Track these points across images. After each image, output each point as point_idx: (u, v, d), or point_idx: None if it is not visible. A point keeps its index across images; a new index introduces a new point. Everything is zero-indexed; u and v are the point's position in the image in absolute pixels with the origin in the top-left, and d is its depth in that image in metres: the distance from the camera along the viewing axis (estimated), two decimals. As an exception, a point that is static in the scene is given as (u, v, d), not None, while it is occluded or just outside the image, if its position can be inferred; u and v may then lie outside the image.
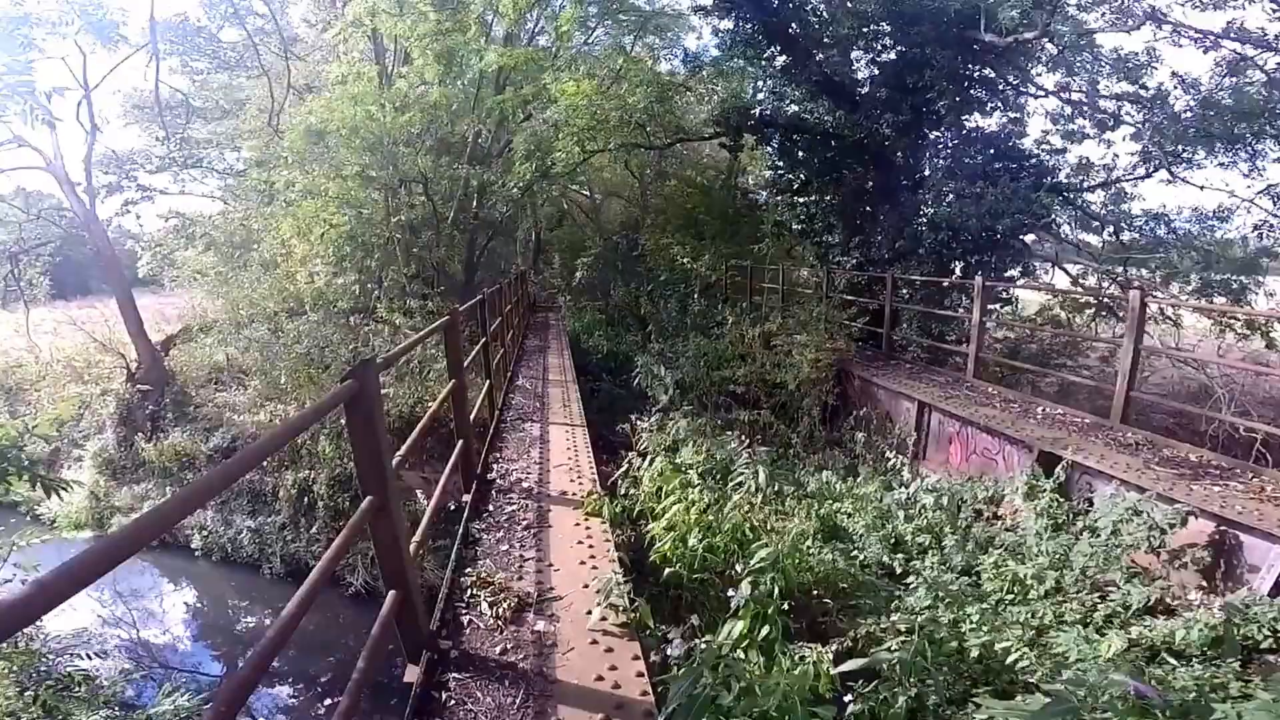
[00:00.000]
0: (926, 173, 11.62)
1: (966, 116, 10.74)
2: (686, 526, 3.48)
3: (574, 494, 3.92)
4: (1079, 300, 12.03)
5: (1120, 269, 11.87)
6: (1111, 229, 13.00)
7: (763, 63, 12.83)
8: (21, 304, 15.75)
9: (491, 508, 3.74)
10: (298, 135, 11.89)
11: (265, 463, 11.52)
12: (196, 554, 11.65)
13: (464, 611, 2.79)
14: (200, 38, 18.62)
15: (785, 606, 3.02)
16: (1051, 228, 10.38)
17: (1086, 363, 11.57)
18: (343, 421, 9.24)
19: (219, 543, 11.60)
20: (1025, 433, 5.65)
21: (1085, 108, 11.32)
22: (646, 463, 4.03)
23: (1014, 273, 10.54)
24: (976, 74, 10.48)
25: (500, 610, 2.74)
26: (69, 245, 17.05)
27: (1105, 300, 11.00)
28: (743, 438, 5.76)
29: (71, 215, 15.15)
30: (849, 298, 10.31)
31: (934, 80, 9.70)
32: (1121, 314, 10.84)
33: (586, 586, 2.94)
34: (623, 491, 3.96)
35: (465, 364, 4.81)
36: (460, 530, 3.41)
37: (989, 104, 10.91)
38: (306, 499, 10.87)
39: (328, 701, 8.05)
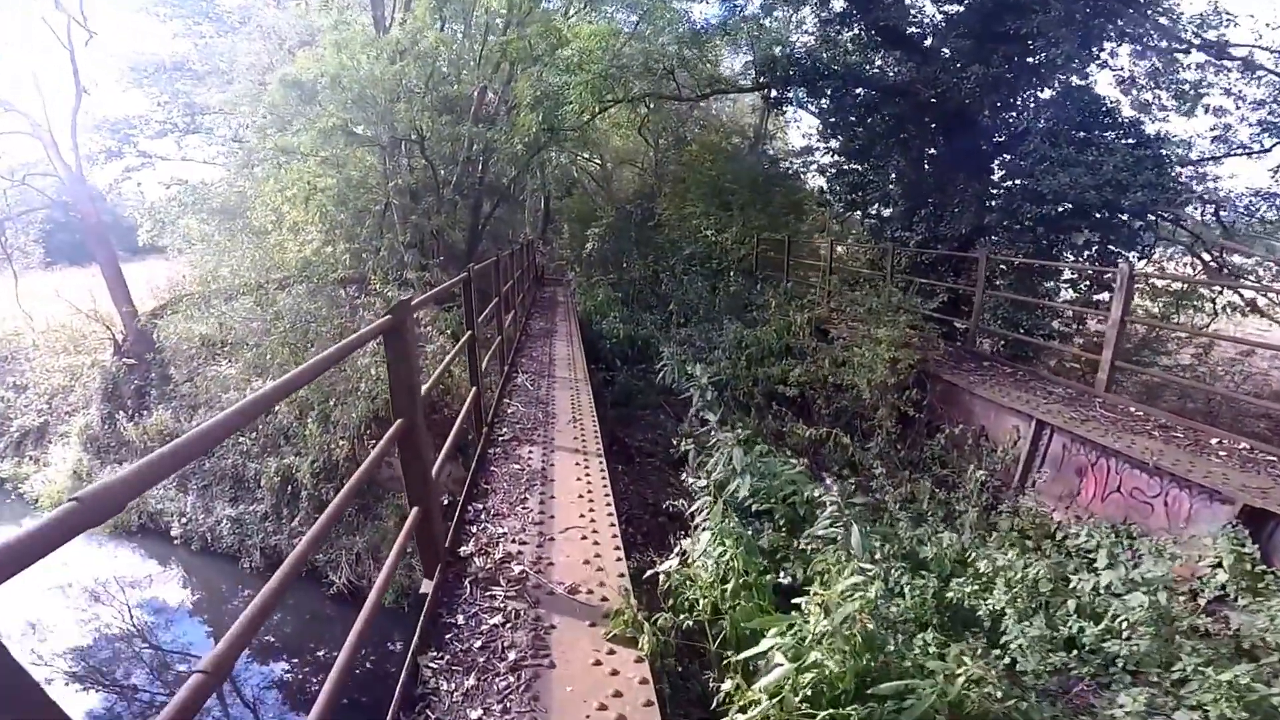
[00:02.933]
0: (1002, 138, 9.84)
1: (1076, 71, 8.81)
2: (796, 687, 2.04)
3: (590, 591, 2.47)
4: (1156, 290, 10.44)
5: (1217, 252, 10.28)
6: (1212, 208, 11.45)
7: (814, 4, 11.04)
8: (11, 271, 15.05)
9: (461, 618, 2.29)
10: (277, 89, 10.40)
11: (248, 447, 10.71)
12: (176, 541, 11.12)
13: None
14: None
15: None
16: (1181, 205, 8.58)
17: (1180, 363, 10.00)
18: (332, 401, 7.94)
19: (198, 531, 11.21)
20: (1212, 476, 4.08)
21: (1221, 65, 9.45)
22: (704, 545, 2.56)
23: (1131, 255, 8.82)
24: (1096, 22, 8.52)
25: None
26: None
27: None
28: (805, 459, 4.34)
29: (59, 180, 14.51)
30: (923, 281, 8.61)
31: (1044, 27, 7.84)
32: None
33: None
34: (665, 585, 2.53)
35: (444, 366, 3.40)
36: (403, 676, 1.99)
37: (1109, 57, 8.90)
38: (290, 487, 10.00)
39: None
